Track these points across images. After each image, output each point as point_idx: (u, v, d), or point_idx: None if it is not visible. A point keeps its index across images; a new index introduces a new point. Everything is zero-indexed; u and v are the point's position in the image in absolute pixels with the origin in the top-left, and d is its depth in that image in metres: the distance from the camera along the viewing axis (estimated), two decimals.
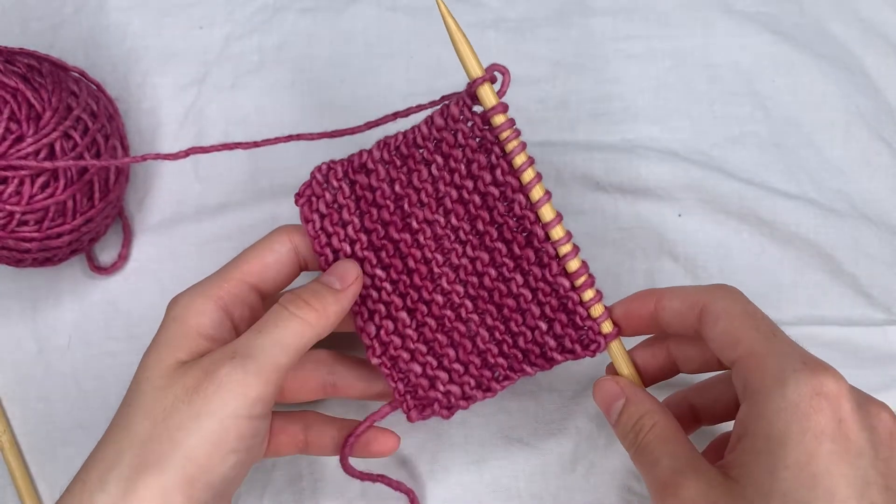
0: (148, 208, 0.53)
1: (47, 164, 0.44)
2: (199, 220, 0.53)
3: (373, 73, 0.54)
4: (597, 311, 0.42)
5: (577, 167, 0.53)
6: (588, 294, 0.42)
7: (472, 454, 0.50)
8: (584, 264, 0.42)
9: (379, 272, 0.43)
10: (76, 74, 0.51)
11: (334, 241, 0.43)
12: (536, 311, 0.42)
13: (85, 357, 0.52)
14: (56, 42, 0.54)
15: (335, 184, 0.43)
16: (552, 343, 0.42)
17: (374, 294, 0.43)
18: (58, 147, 0.44)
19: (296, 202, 0.44)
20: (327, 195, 0.43)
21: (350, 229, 0.43)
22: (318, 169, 0.44)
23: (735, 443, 0.37)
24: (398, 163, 0.43)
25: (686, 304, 0.40)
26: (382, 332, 0.43)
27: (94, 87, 0.51)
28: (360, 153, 0.43)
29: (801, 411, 0.34)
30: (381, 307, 0.43)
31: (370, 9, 0.55)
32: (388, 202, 0.43)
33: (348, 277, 0.42)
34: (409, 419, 0.44)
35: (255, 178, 0.53)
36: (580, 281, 0.42)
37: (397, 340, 0.43)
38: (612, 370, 0.44)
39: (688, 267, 0.52)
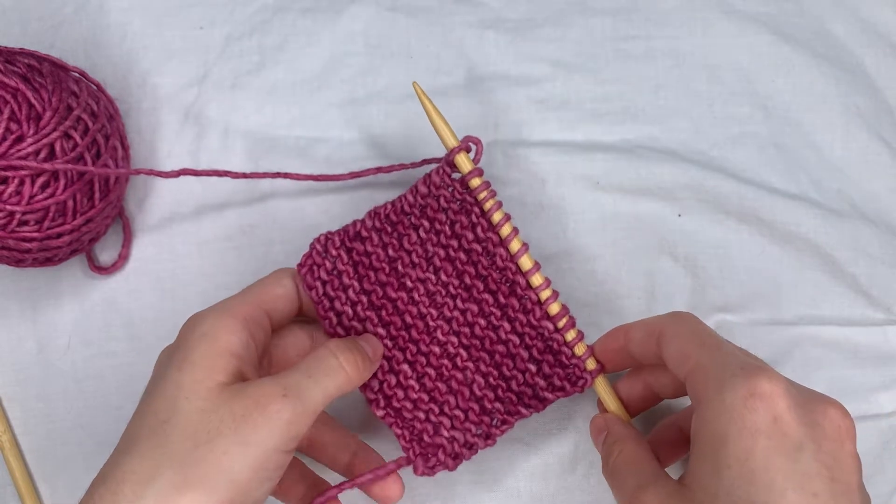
0: (148, 208, 0.53)
1: (46, 166, 0.43)
2: (199, 220, 0.53)
3: (373, 73, 0.54)
4: (580, 349, 0.46)
5: (577, 167, 0.53)
6: (570, 335, 0.45)
7: None
8: (565, 307, 0.46)
9: (380, 331, 0.46)
10: (76, 74, 0.51)
11: (337, 304, 0.46)
12: (525, 354, 0.46)
13: (85, 357, 0.52)
14: (56, 42, 0.54)
15: (333, 252, 0.47)
16: (542, 383, 0.46)
17: (382, 344, 0.46)
18: (58, 147, 0.44)
19: (298, 272, 0.46)
20: (327, 263, 0.46)
21: (351, 292, 0.46)
22: (317, 240, 0.47)
23: (690, 452, 0.39)
24: (389, 229, 0.47)
25: (646, 333, 0.43)
26: (385, 385, 0.46)
27: (95, 87, 0.51)
28: (354, 223, 0.47)
29: (737, 412, 0.36)
30: (384, 362, 0.46)
31: (370, 9, 0.55)
32: (383, 265, 0.47)
33: (378, 353, 0.45)
34: (415, 471, 0.45)
35: (255, 178, 0.53)
36: (562, 323, 0.45)
37: (400, 393, 0.46)
38: (601, 404, 0.47)
39: (688, 267, 0.52)
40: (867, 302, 0.52)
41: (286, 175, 0.50)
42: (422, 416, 0.46)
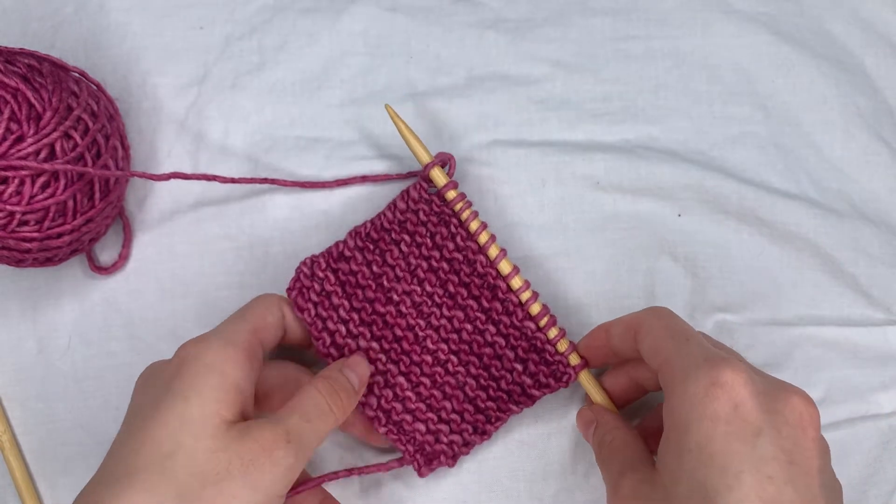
0: (148, 208, 0.53)
1: (46, 166, 0.43)
2: (198, 220, 0.53)
3: (373, 73, 0.54)
4: (562, 346, 0.47)
5: (577, 167, 0.53)
6: (552, 332, 0.47)
7: (471, 454, 0.50)
8: (545, 307, 0.48)
9: (374, 345, 0.48)
10: (76, 74, 0.51)
11: (329, 324, 0.48)
12: (511, 354, 0.48)
13: (85, 357, 0.52)
14: (56, 42, 0.54)
15: (320, 274, 0.49)
16: (529, 381, 0.48)
17: (371, 368, 0.48)
18: (58, 147, 0.44)
19: (288, 295, 0.48)
20: (315, 285, 0.48)
21: (341, 311, 0.48)
22: (304, 264, 0.49)
23: (661, 439, 0.40)
24: (371, 247, 0.49)
25: (625, 328, 0.45)
26: (383, 401, 0.48)
27: (95, 87, 0.51)
28: (337, 244, 0.49)
29: (699, 401, 0.37)
30: (380, 378, 0.48)
31: (370, 9, 0.55)
32: (369, 282, 0.49)
33: (364, 379, 0.46)
34: (420, 475, 0.47)
35: (244, 184, 0.53)
36: (543, 322, 0.47)
37: (398, 406, 0.48)
38: (588, 397, 0.49)
39: (688, 267, 0.52)
40: (867, 302, 0.52)
41: (273, 181, 0.51)
42: (422, 427, 0.48)
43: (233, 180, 0.50)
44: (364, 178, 0.52)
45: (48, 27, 0.54)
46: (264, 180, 0.51)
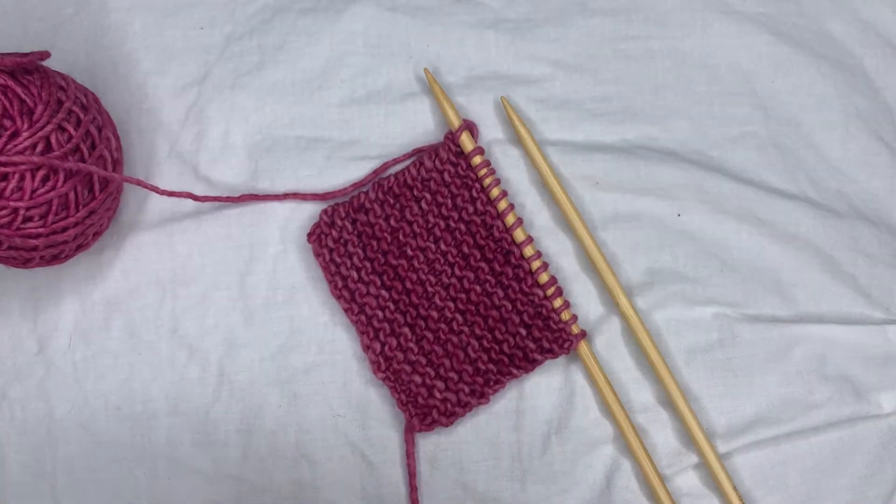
0: (148, 208, 0.53)
1: (45, 160, 0.43)
2: (199, 220, 0.53)
3: (373, 73, 0.54)
4: (566, 315, 0.50)
5: (577, 167, 0.53)
6: (558, 302, 0.50)
7: (473, 455, 0.50)
8: (553, 277, 0.50)
9: (383, 293, 0.50)
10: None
11: (342, 269, 0.51)
12: (517, 319, 0.50)
13: (85, 356, 0.52)
14: (57, 42, 0.54)
15: (339, 222, 0.51)
16: (532, 346, 0.49)
17: (380, 314, 0.50)
18: (53, 140, 0.44)
19: (308, 240, 0.51)
20: (333, 232, 0.51)
21: (355, 259, 0.51)
22: (325, 211, 0.51)
23: None
24: (391, 201, 0.51)
25: None
26: (387, 347, 0.50)
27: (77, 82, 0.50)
28: (359, 195, 0.52)
29: None
30: (386, 325, 0.50)
31: (370, 9, 0.55)
32: (385, 234, 0.51)
33: None
34: (414, 429, 0.49)
35: (255, 178, 0.53)
36: (551, 291, 0.50)
37: (400, 355, 0.50)
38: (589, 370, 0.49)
39: (688, 266, 0.52)
40: (867, 301, 0.52)
41: (294, 196, 0.52)
42: (418, 379, 0.50)
43: (251, 197, 0.51)
44: (375, 173, 0.52)
45: (49, 27, 0.55)
46: (285, 196, 0.52)
